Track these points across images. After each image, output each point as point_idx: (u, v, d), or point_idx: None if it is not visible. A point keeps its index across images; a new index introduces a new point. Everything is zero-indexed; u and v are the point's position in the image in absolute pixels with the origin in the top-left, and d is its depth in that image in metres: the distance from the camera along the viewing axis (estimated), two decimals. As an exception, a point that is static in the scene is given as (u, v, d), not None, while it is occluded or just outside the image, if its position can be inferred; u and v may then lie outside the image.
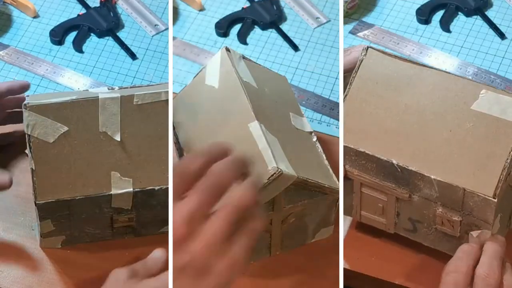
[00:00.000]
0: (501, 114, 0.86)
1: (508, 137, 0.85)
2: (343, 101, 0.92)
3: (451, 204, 0.87)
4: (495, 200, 0.84)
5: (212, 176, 0.70)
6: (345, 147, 0.90)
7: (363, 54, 0.92)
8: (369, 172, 0.90)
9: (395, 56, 0.92)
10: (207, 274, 0.68)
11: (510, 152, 0.85)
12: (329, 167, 0.94)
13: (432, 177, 0.86)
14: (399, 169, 0.87)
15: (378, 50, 0.92)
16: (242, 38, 1.22)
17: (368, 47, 0.93)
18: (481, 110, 0.87)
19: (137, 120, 0.94)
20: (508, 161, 0.84)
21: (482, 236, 0.86)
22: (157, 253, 0.88)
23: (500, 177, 0.84)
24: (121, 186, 0.92)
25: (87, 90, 1.00)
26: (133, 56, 1.21)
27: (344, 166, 0.91)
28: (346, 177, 0.91)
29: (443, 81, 0.89)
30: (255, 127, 0.89)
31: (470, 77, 1.15)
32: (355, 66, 0.93)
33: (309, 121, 0.99)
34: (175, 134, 0.98)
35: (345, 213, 0.96)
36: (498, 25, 1.21)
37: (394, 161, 0.87)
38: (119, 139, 0.93)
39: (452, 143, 0.87)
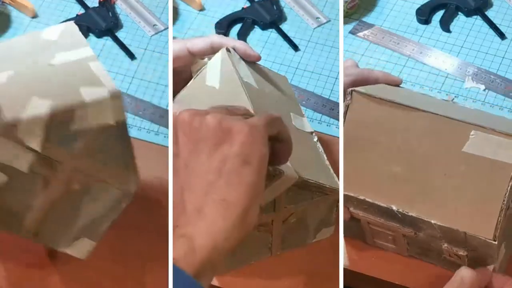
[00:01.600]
0: (493, 155, 0.85)
1: (502, 179, 0.84)
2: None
3: (455, 243, 0.87)
4: (496, 243, 0.84)
5: None
6: (345, 195, 0.90)
7: (348, 99, 0.92)
8: (373, 214, 0.91)
9: (380, 99, 0.91)
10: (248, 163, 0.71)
11: (505, 194, 0.84)
12: (330, 167, 0.94)
13: (432, 222, 0.86)
14: (399, 214, 0.88)
15: (362, 94, 0.92)
16: (242, 38, 1.22)
17: (352, 91, 0.92)
18: (473, 152, 0.86)
19: None
20: (505, 202, 0.84)
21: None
22: None
23: (498, 219, 0.84)
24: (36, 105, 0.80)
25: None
26: (131, 56, 1.21)
27: (348, 208, 0.91)
28: (352, 217, 0.92)
29: (431, 123, 0.88)
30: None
31: (470, 77, 1.16)
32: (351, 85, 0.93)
33: (309, 121, 0.99)
34: (175, 134, 0.98)
35: (359, 239, 0.97)
36: (498, 25, 1.20)
37: (394, 207, 0.88)
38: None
39: (448, 186, 0.86)
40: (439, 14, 1.23)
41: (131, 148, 0.86)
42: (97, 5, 1.26)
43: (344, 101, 0.92)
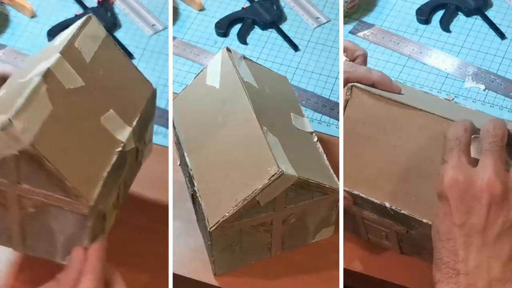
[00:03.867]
0: None
1: None
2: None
3: None
4: None
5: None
6: None
7: (347, 94, 0.92)
8: (367, 210, 0.91)
9: (379, 96, 0.91)
10: None
11: None
12: (329, 167, 0.93)
13: (424, 220, 0.86)
14: (392, 212, 0.88)
15: (362, 90, 0.91)
16: (242, 38, 1.22)
17: (352, 86, 0.91)
18: None
19: None
20: None
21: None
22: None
23: None
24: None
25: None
26: (130, 56, 1.21)
27: (349, 193, 0.91)
28: (347, 212, 0.92)
29: (428, 122, 0.88)
30: (256, 128, 0.89)
31: (470, 77, 1.16)
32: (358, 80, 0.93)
33: (309, 121, 0.99)
34: (175, 134, 0.98)
35: (354, 233, 0.96)
36: (498, 25, 1.21)
37: (387, 204, 0.88)
38: None
39: None
40: (439, 14, 1.23)
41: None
42: (96, 5, 1.26)
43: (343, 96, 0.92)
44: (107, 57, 0.89)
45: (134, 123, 0.89)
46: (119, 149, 0.85)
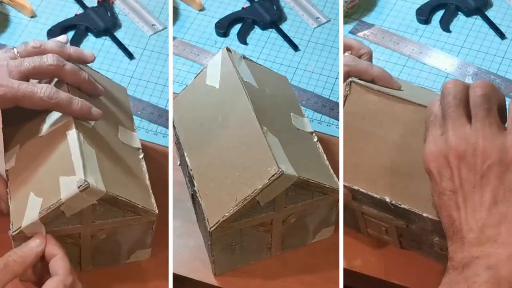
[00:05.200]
0: None
1: None
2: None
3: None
4: None
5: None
6: None
7: (347, 89, 0.92)
8: (367, 204, 0.91)
9: (378, 91, 0.91)
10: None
11: None
12: (329, 167, 0.93)
13: (424, 214, 0.86)
14: (392, 206, 0.88)
15: (361, 85, 0.91)
16: (242, 38, 1.22)
17: (351, 82, 0.92)
18: None
19: None
20: None
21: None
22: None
23: None
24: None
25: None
26: (130, 56, 1.21)
27: (348, 189, 0.91)
28: (347, 207, 0.92)
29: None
30: (256, 128, 0.89)
31: (470, 77, 1.16)
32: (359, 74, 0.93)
33: (309, 121, 0.99)
34: (175, 134, 0.98)
35: (354, 228, 0.96)
36: (498, 25, 1.21)
37: (387, 199, 0.88)
38: None
39: None
40: (439, 14, 1.23)
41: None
42: (95, 5, 1.26)
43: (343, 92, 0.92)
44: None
45: (135, 126, 0.97)
46: (141, 156, 0.94)
